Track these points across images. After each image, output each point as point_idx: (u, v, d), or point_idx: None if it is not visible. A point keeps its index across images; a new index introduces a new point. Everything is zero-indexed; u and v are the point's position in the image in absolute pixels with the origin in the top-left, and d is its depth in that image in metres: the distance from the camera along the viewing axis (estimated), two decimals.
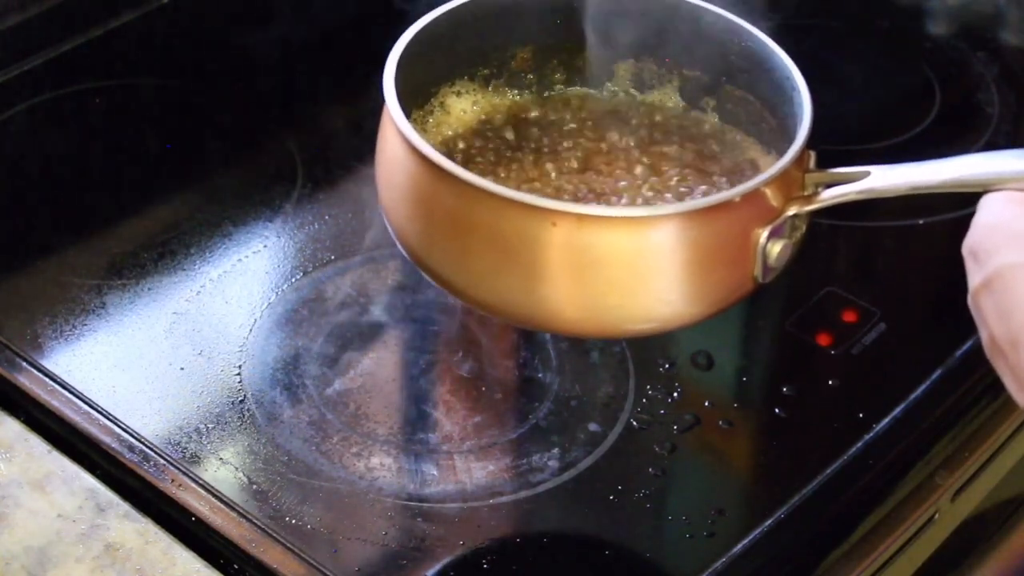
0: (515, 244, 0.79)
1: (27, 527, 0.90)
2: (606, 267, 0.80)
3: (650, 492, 0.95)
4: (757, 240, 0.82)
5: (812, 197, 0.84)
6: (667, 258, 0.80)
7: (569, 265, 0.80)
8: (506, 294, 0.82)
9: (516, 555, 0.91)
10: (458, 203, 0.80)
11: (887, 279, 1.14)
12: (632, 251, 0.79)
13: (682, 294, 0.82)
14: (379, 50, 0.93)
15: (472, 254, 0.82)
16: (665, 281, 0.81)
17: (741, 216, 0.81)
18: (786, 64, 0.89)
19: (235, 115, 1.21)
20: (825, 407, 1.01)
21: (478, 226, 0.80)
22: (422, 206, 0.83)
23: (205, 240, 1.11)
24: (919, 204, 1.19)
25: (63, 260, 1.09)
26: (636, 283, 0.80)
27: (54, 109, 1.23)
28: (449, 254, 0.83)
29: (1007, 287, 0.71)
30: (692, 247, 0.80)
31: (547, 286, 0.80)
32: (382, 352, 1.04)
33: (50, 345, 1.02)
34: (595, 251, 0.79)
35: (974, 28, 1.36)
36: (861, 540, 0.94)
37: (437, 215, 0.82)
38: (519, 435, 0.98)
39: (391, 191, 0.85)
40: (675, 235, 0.79)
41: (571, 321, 0.83)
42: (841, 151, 1.25)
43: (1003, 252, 0.71)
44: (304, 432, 0.97)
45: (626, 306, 0.81)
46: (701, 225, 0.80)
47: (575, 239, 0.79)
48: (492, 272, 0.81)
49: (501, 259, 0.80)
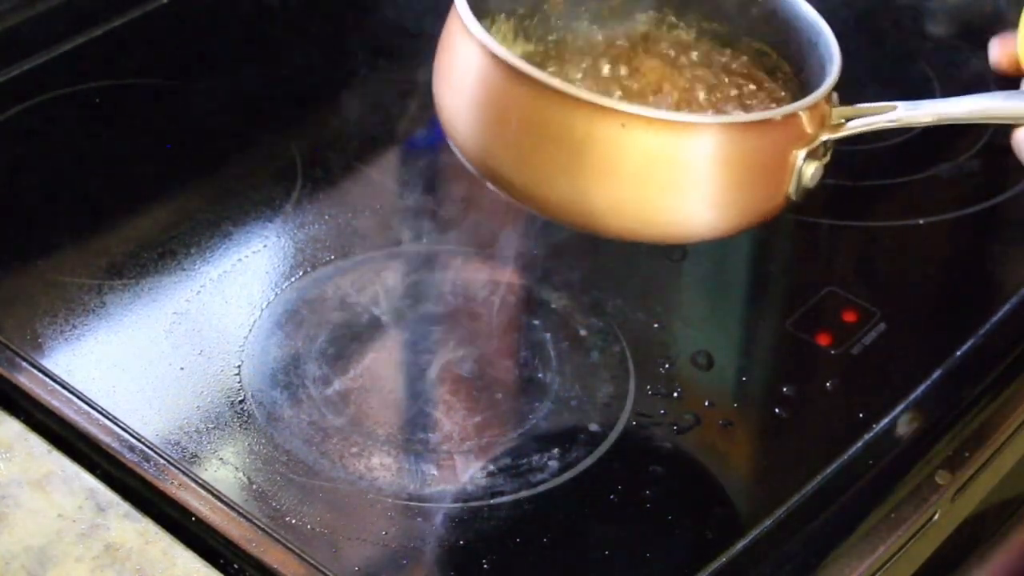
0: (582, 143, 0.85)
1: (27, 527, 0.90)
2: (666, 168, 0.86)
3: (650, 492, 0.95)
4: (795, 159, 0.89)
5: (840, 127, 0.91)
6: (719, 164, 0.87)
7: (633, 165, 0.86)
8: (568, 193, 0.87)
9: (516, 555, 0.91)
10: (528, 101, 0.86)
11: (887, 279, 1.14)
12: (690, 154, 0.86)
13: (726, 201, 0.89)
14: (380, 50, 0.93)
15: (538, 152, 0.87)
16: (715, 186, 0.87)
17: (785, 135, 0.88)
18: (807, 13, 0.95)
19: (235, 115, 1.21)
20: (825, 407, 1.01)
21: (547, 124, 0.86)
22: (489, 106, 0.88)
23: (205, 240, 1.11)
24: (919, 204, 1.19)
25: (63, 260, 1.09)
26: (690, 185, 0.87)
27: (54, 109, 1.23)
28: (513, 151, 0.88)
29: None
30: (740, 156, 0.87)
31: (609, 185, 0.86)
32: (382, 352, 1.04)
33: (50, 345, 1.02)
34: (658, 153, 0.85)
35: (974, 28, 1.36)
36: (861, 540, 0.94)
37: (504, 113, 0.87)
38: (519, 435, 0.98)
39: (454, 93, 0.90)
40: (726, 143, 0.87)
41: (624, 221, 0.88)
42: (841, 151, 1.26)
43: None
44: (304, 432, 0.97)
45: (678, 208, 0.88)
46: (750, 138, 0.87)
47: (641, 141, 0.85)
48: (558, 171, 0.87)
49: (567, 158, 0.86)
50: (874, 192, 1.21)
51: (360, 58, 1.26)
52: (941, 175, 1.22)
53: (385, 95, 1.21)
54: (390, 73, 1.25)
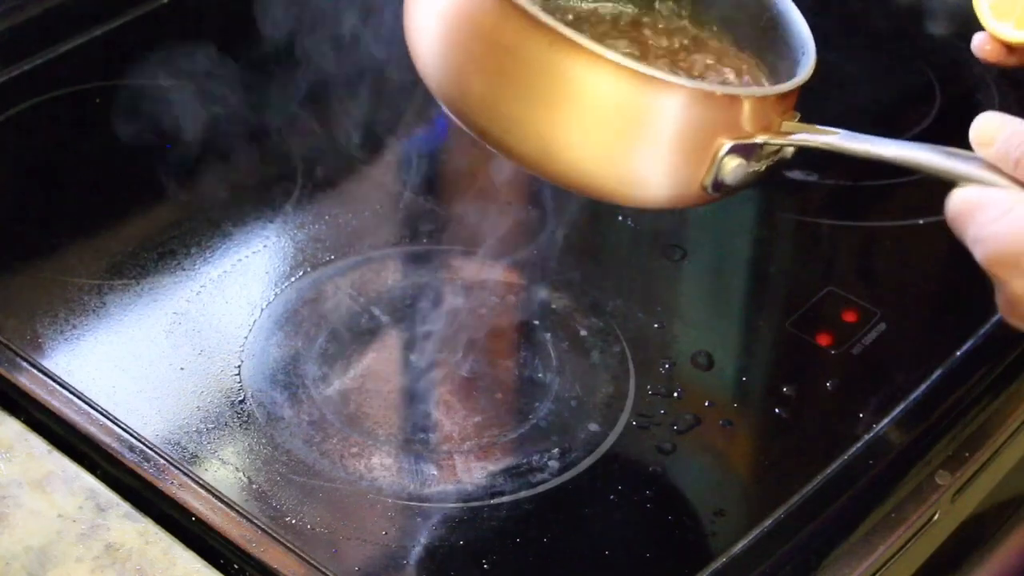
0: (516, 57, 0.82)
1: (27, 527, 0.90)
2: (581, 104, 0.81)
3: (650, 492, 0.95)
4: (719, 147, 0.84)
5: (779, 134, 0.86)
6: (638, 117, 0.82)
7: (561, 94, 0.82)
8: (513, 118, 0.84)
9: (516, 555, 0.91)
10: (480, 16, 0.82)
11: (887, 279, 1.14)
12: (608, 94, 0.82)
13: (638, 161, 0.84)
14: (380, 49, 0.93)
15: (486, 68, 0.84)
16: (629, 138, 0.83)
17: (716, 115, 0.83)
18: (796, 22, 0.91)
19: (235, 115, 1.21)
20: (825, 407, 1.01)
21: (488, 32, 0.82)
22: (470, 38, 0.84)
23: (205, 240, 1.11)
24: (919, 204, 1.19)
25: (63, 260, 1.09)
26: (603, 128, 0.82)
27: (54, 109, 1.23)
28: (481, 86, 0.84)
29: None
30: (662, 117, 0.82)
31: (534, 110, 0.83)
32: (382, 352, 1.04)
33: (50, 345, 1.02)
34: (576, 83, 0.81)
35: (974, 28, 1.36)
36: (861, 540, 0.94)
37: (483, 48, 0.84)
38: (519, 435, 0.98)
39: (425, 28, 0.86)
40: (650, 97, 0.82)
41: (548, 156, 0.84)
42: None
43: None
44: (304, 432, 0.97)
45: (585, 149, 0.83)
46: (678, 103, 0.82)
47: (569, 69, 0.81)
48: (506, 91, 0.83)
49: (511, 78, 0.83)
50: (874, 192, 1.21)
51: (360, 58, 1.26)
52: None
53: (385, 95, 1.21)
54: (390, 73, 1.25)
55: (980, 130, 0.79)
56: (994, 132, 0.79)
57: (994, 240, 0.76)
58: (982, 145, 0.79)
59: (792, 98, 0.87)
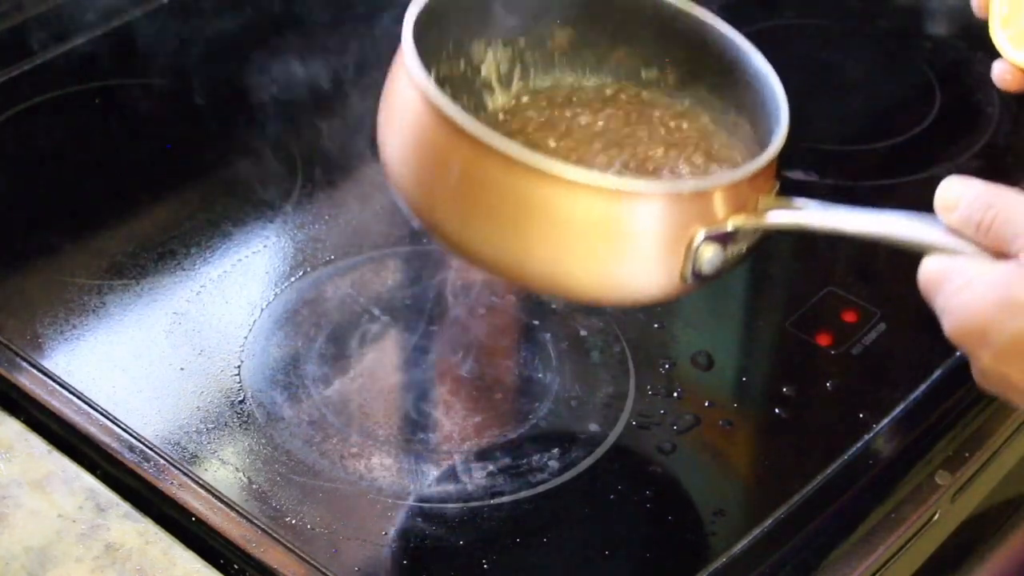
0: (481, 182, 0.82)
1: (27, 527, 0.90)
2: (550, 221, 0.82)
3: (650, 492, 0.95)
4: (693, 238, 0.83)
5: (761, 216, 0.85)
6: (605, 227, 0.82)
7: (524, 211, 0.82)
8: (482, 237, 0.84)
9: (516, 555, 0.91)
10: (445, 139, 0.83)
11: (887, 279, 1.14)
12: (575, 210, 0.82)
13: (614, 268, 0.84)
14: (380, 49, 0.93)
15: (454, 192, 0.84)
16: (602, 249, 0.83)
17: (685, 210, 0.83)
18: (776, 94, 0.90)
19: (235, 115, 1.21)
20: (825, 407, 1.01)
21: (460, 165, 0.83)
22: (437, 164, 0.84)
23: (205, 240, 1.11)
24: (919, 204, 1.18)
25: (63, 260, 1.09)
26: (575, 242, 0.83)
27: (54, 109, 1.23)
28: (453, 206, 0.85)
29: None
30: (632, 224, 0.82)
31: (506, 230, 0.83)
32: (382, 352, 1.04)
33: (50, 345, 1.02)
34: (541, 203, 0.82)
35: (974, 28, 1.36)
36: (861, 540, 0.94)
37: (451, 173, 0.84)
38: (519, 435, 0.98)
39: (398, 142, 0.87)
40: (618, 208, 0.82)
41: (524, 270, 0.85)
42: (841, 151, 1.26)
43: (1004, 324, 0.73)
44: (304, 432, 0.97)
45: (560, 263, 0.83)
46: (644, 206, 0.82)
47: (529, 189, 0.81)
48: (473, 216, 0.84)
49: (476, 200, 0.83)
50: (874, 192, 1.21)
51: (360, 58, 1.26)
52: (941, 175, 1.22)
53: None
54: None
55: (943, 197, 0.79)
56: (957, 198, 0.78)
57: (958, 312, 0.76)
58: (946, 211, 0.79)
59: (766, 173, 0.86)
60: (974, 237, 0.77)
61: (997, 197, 0.77)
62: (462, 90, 0.96)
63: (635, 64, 0.97)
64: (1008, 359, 0.74)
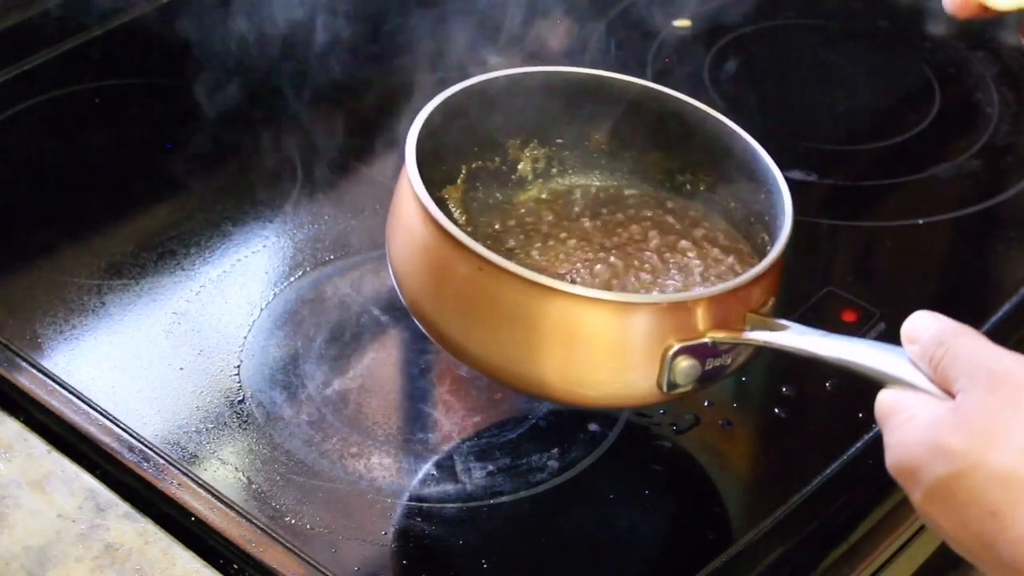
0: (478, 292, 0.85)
1: (27, 527, 0.90)
2: (541, 332, 0.84)
3: (650, 492, 0.95)
4: (667, 350, 0.84)
5: (740, 333, 0.86)
6: (576, 333, 0.84)
7: (514, 321, 0.85)
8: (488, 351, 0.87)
9: (516, 555, 0.91)
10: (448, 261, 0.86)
11: (887, 279, 1.14)
12: (565, 323, 0.84)
13: (588, 374, 0.86)
14: (380, 49, 0.93)
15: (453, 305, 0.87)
16: (585, 356, 0.85)
17: (660, 322, 0.84)
18: (786, 212, 0.90)
19: (235, 115, 1.21)
20: (825, 407, 1.01)
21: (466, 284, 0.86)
22: (431, 270, 0.87)
23: (205, 240, 1.11)
24: (919, 204, 1.19)
25: (63, 260, 1.09)
26: (568, 352, 0.85)
27: (54, 109, 1.23)
28: (445, 311, 0.88)
29: (952, 498, 0.72)
30: (604, 332, 0.84)
31: (496, 336, 0.86)
32: (382, 352, 1.04)
33: (50, 345, 1.02)
34: (531, 314, 0.84)
35: (973, 28, 1.36)
36: (861, 540, 0.94)
37: (443, 279, 0.87)
38: (519, 435, 0.98)
39: (402, 251, 0.90)
40: (602, 319, 0.84)
41: (514, 377, 0.88)
42: (841, 151, 1.26)
43: (931, 467, 0.73)
44: (303, 432, 0.97)
45: (540, 367, 0.86)
46: (624, 317, 0.84)
47: (510, 296, 0.84)
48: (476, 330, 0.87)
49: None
50: (874, 192, 1.21)
51: (360, 58, 1.26)
52: (941, 175, 1.22)
53: (385, 95, 1.21)
54: (390, 73, 1.25)
55: (908, 328, 0.79)
56: (921, 331, 0.78)
57: (895, 447, 0.75)
58: (909, 342, 0.79)
59: (755, 288, 0.86)
60: (930, 374, 0.77)
61: (952, 335, 0.77)
62: (494, 183, 0.99)
63: (669, 168, 1.00)
64: (933, 503, 0.73)
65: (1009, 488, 0.70)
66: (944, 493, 0.72)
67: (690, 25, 1.35)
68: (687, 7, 1.36)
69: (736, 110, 1.21)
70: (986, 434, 0.71)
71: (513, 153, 1.00)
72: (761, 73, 1.33)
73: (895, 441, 0.75)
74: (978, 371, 0.74)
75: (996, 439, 0.71)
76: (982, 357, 0.75)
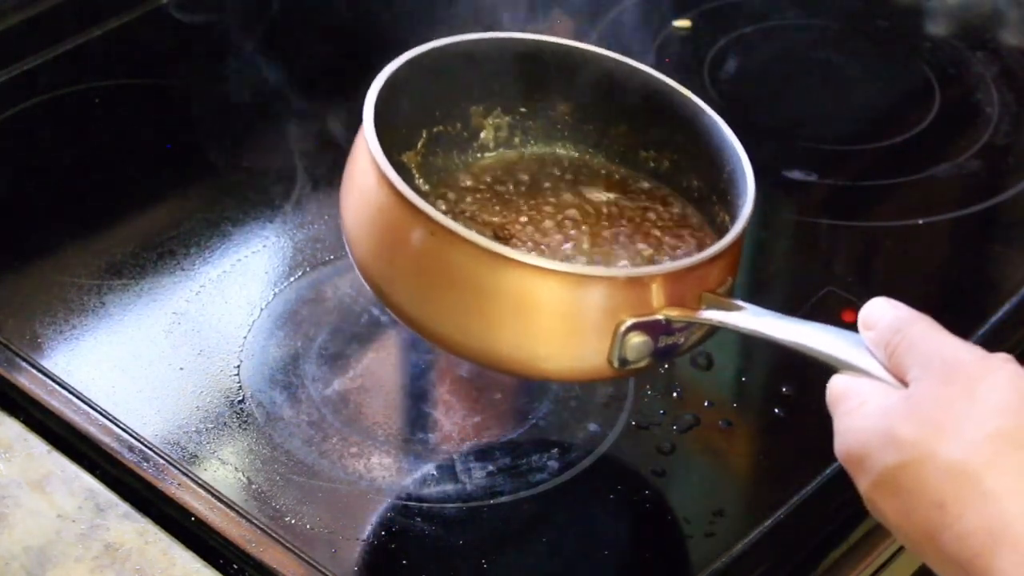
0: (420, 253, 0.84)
1: (27, 527, 0.90)
2: (493, 301, 0.83)
3: (650, 492, 0.95)
4: (619, 324, 0.83)
5: (695, 311, 0.84)
6: (542, 307, 0.83)
7: (464, 287, 0.84)
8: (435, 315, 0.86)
9: (516, 555, 0.91)
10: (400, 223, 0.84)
11: (887, 279, 1.14)
12: (517, 292, 0.83)
13: (539, 346, 0.84)
14: (379, 49, 0.93)
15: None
16: (537, 327, 0.84)
17: (613, 296, 0.83)
18: (747, 192, 0.89)
19: (235, 115, 1.21)
20: (825, 407, 1.01)
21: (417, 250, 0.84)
22: (383, 232, 0.86)
23: (205, 240, 1.11)
24: (919, 204, 1.19)
25: (63, 260, 1.09)
26: (520, 322, 0.84)
27: (54, 109, 1.23)
28: (397, 276, 0.87)
29: (900, 488, 0.72)
30: (553, 303, 0.83)
31: (450, 305, 0.84)
32: (382, 352, 1.04)
33: (50, 345, 1.02)
34: (483, 282, 0.83)
35: (973, 28, 1.36)
36: (861, 540, 0.94)
37: (394, 242, 0.85)
38: (519, 435, 0.98)
39: (355, 213, 0.88)
40: (554, 290, 0.83)
41: (464, 346, 0.86)
42: (841, 151, 1.26)
43: (880, 456, 0.72)
44: (303, 432, 0.97)
45: (513, 342, 0.84)
46: (577, 289, 0.83)
47: (464, 263, 0.83)
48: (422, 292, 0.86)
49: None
50: (874, 192, 1.21)
51: (360, 58, 1.26)
52: (941, 175, 1.22)
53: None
54: None
55: (865, 314, 0.79)
56: (877, 318, 0.78)
57: (844, 434, 0.75)
58: (866, 328, 0.78)
59: (712, 267, 0.85)
60: (883, 359, 0.76)
61: (909, 324, 0.76)
62: (454, 149, 0.98)
63: (634, 144, 0.98)
64: (881, 493, 0.73)
65: (958, 481, 0.70)
66: (892, 482, 0.72)
67: (690, 25, 1.35)
68: (687, 7, 1.36)
69: (736, 110, 1.21)
70: (938, 425, 0.71)
71: (476, 120, 0.98)
72: (761, 73, 1.33)
73: (845, 427, 0.75)
74: (933, 361, 0.73)
75: (947, 431, 0.70)
76: (938, 347, 0.74)
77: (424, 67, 0.93)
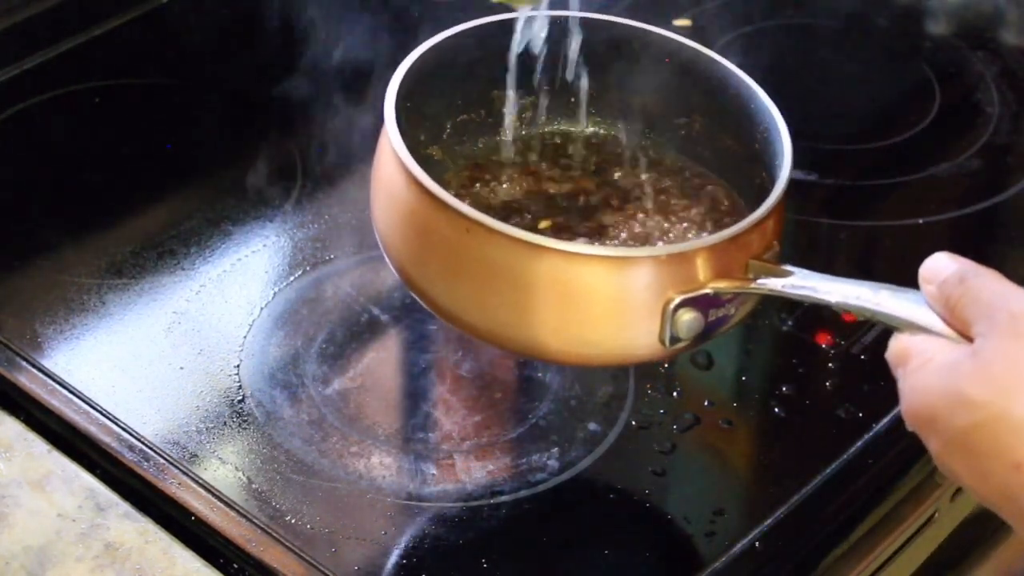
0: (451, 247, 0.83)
1: (27, 527, 0.90)
2: (535, 292, 0.82)
3: (650, 492, 0.95)
4: (668, 303, 0.82)
5: (744, 281, 0.83)
6: (573, 290, 0.82)
7: (499, 278, 0.82)
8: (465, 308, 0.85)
9: (516, 555, 0.91)
10: (443, 228, 0.83)
11: (887, 279, 1.13)
12: (560, 281, 0.81)
13: (588, 332, 0.83)
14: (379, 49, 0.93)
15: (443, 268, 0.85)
16: (583, 314, 0.82)
17: (659, 274, 0.81)
18: (784, 151, 0.88)
19: (235, 115, 1.21)
20: (825, 407, 1.01)
21: (458, 249, 0.83)
22: (418, 233, 0.85)
23: (205, 240, 1.11)
24: (919, 204, 1.19)
25: (63, 260, 1.09)
26: (566, 311, 0.82)
27: (54, 109, 1.23)
28: (434, 274, 0.86)
29: (974, 450, 0.70)
30: (600, 288, 0.82)
31: (491, 299, 0.83)
32: (382, 352, 1.04)
33: (50, 345, 1.02)
34: (524, 274, 0.82)
35: (974, 27, 1.36)
36: (861, 540, 0.94)
37: (430, 242, 0.84)
38: (519, 435, 0.98)
39: (387, 214, 0.87)
40: (598, 275, 0.81)
41: (510, 339, 0.85)
42: (841, 151, 1.26)
43: (950, 417, 0.70)
44: (303, 432, 0.97)
45: (560, 331, 0.83)
46: (621, 272, 0.82)
47: (499, 254, 0.82)
48: (465, 291, 0.84)
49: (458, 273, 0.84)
50: (874, 192, 1.21)
51: (360, 58, 1.26)
52: (941, 175, 1.22)
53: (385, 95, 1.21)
54: (390, 73, 1.25)
55: (926, 267, 0.76)
56: (937, 271, 0.75)
57: (910, 395, 0.73)
58: (926, 282, 0.76)
59: (755, 234, 0.84)
60: (944, 314, 0.74)
61: (972, 276, 0.73)
62: (480, 136, 0.97)
63: (663, 112, 0.97)
64: (953, 454, 0.71)
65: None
66: (964, 444, 0.70)
67: (690, 25, 1.35)
68: (687, 6, 1.36)
69: None
70: (1008, 383, 0.68)
71: (498, 104, 0.97)
72: (761, 73, 1.33)
73: (910, 387, 0.73)
74: (998, 313, 0.70)
75: (1019, 389, 0.68)
76: (1002, 298, 0.71)
77: (439, 59, 0.92)
